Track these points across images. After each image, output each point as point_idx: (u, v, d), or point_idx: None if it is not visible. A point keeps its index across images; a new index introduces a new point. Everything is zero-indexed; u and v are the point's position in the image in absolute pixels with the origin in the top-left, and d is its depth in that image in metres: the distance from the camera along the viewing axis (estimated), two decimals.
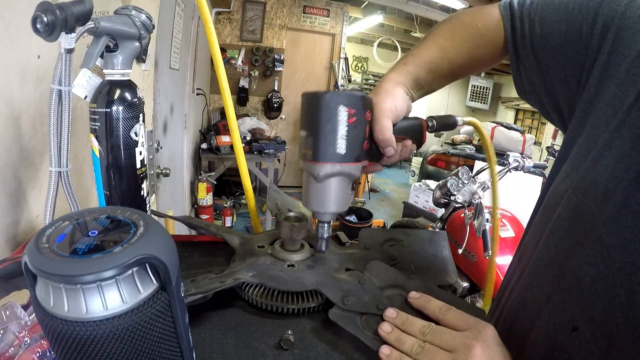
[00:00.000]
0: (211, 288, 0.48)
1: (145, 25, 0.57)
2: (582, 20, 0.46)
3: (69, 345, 0.26)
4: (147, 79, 1.59)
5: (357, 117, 0.47)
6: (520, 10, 0.53)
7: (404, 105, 0.56)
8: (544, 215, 0.50)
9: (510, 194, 2.40)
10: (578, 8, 0.46)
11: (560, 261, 0.43)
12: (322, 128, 0.46)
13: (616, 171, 0.38)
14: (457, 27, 0.59)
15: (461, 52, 0.57)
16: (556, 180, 0.49)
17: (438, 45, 0.58)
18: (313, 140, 0.47)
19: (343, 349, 0.46)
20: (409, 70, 0.57)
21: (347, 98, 0.47)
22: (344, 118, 0.46)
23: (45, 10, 0.45)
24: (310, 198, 0.50)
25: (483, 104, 7.74)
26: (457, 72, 0.60)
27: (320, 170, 0.47)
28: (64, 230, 0.28)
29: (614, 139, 0.40)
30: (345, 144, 0.47)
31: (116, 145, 0.55)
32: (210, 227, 0.67)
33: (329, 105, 0.46)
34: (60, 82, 0.53)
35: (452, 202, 1.90)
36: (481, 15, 0.57)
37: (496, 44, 0.56)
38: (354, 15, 5.11)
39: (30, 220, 0.69)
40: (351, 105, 0.46)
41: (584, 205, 0.41)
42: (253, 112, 4.77)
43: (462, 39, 0.58)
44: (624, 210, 0.37)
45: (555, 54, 0.49)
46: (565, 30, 0.47)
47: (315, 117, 0.46)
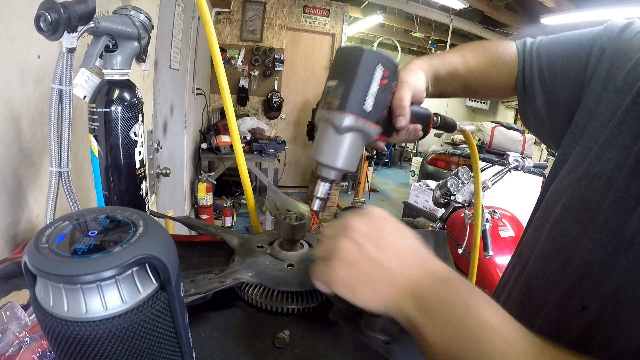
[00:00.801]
0: (211, 288, 0.48)
1: (144, 25, 0.57)
2: (581, 47, 0.54)
3: (68, 345, 0.26)
4: (147, 79, 1.59)
5: (388, 81, 0.48)
6: (531, 47, 0.60)
7: (422, 89, 0.58)
8: (545, 210, 0.53)
9: (510, 194, 2.40)
10: (578, 39, 0.55)
11: (567, 249, 0.46)
12: (357, 79, 0.46)
13: (618, 162, 0.43)
14: (480, 46, 0.66)
15: (480, 65, 0.63)
16: (558, 178, 0.53)
17: (461, 54, 0.64)
18: (344, 90, 0.46)
19: (343, 349, 0.46)
20: (433, 64, 0.61)
21: (386, 60, 0.48)
22: (379, 77, 0.47)
23: (49, 9, 0.45)
24: (323, 149, 0.48)
25: (483, 103, 7.74)
26: (472, 83, 0.64)
27: (345, 121, 0.46)
28: (64, 230, 0.28)
29: (615, 136, 0.45)
30: (372, 102, 0.47)
31: (115, 145, 0.55)
32: (209, 228, 0.67)
33: (369, 60, 0.46)
34: (61, 81, 0.53)
35: (452, 202, 1.90)
36: (502, 44, 0.64)
37: (511, 73, 0.61)
38: (354, 15, 5.11)
39: (30, 220, 0.69)
40: (387, 68, 0.48)
41: (588, 196, 0.45)
42: (253, 112, 4.77)
43: (482, 55, 0.64)
44: (627, 194, 0.41)
45: (559, 79, 0.55)
46: (567, 57, 0.55)
47: (353, 68, 0.46)
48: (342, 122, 0.46)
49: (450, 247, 0.67)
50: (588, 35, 0.54)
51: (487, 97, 0.73)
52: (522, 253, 0.57)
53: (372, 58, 0.47)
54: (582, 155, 0.49)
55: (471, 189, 1.84)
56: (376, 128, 0.49)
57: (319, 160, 0.49)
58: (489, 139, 4.64)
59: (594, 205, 0.43)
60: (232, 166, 3.33)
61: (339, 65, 0.49)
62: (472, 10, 4.44)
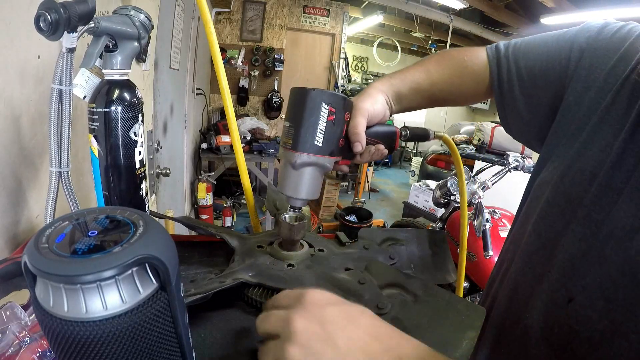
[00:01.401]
0: (210, 288, 0.48)
1: (144, 25, 0.57)
2: (560, 49, 0.54)
3: (68, 345, 0.26)
4: (147, 78, 1.59)
5: (336, 116, 0.53)
6: (505, 51, 0.60)
7: (381, 110, 0.60)
8: (530, 206, 0.55)
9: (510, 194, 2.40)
10: (556, 41, 0.55)
11: (551, 243, 0.47)
12: (304, 121, 0.51)
13: (600, 158, 0.44)
14: (445, 57, 0.65)
15: (444, 77, 0.63)
16: (542, 174, 0.54)
17: (424, 68, 0.65)
18: (295, 131, 0.52)
19: None
20: (393, 84, 0.63)
21: (330, 97, 0.52)
22: (325, 114, 0.51)
23: (49, 9, 0.45)
24: (285, 184, 0.55)
25: (483, 104, 7.74)
26: (437, 95, 0.65)
27: (298, 159, 0.52)
28: (64, 230, 0.28)
29: (596, 133, 0.46)
30: (322, 138, 0.52)
31: (115, 145, 0.55)
32: (209, 228, 0.67)
33: (314, 100, 0.51)
34: (61, 81, 0.53)
35: (452, 202, 1.90)
36: (469, 52, 0.64)
37: (479, 79, 0.62)
38: (354, 15, 5.11)
39: (30, 220, 0.69)
40: (332, 104, 0.52)
41: (571, 190, 0.46)
42: (253, 112, 4.77)
43: (447, 66, 0.64)
44: (608, 188, 0.42)
45: (539, 81, 0.55)
46: (546, 59, 0.55)
47: (300, 110, 0.52)
48: (295, 160, 0.52)
49: (450, 247, 0.67)
50: (565, 37, 0.55)
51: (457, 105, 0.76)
52: (509, 249, 0.59)
53: (316, 98, 0.51)
54: (564, 152, 0.50)
55: (471, 188, 1.84)
56: (330, 159, 0.54)
57: (284, 194, 0.55)
58: (489, 139, 4.64)
59: (577, 200, 0.45)
60: (232, 166, 3.33)
61: (290, 107, 0.54)
62: (472, 10, 4.44)
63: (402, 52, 6.30)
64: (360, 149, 0.56)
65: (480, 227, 1.73)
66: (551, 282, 0.46)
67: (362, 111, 0.56)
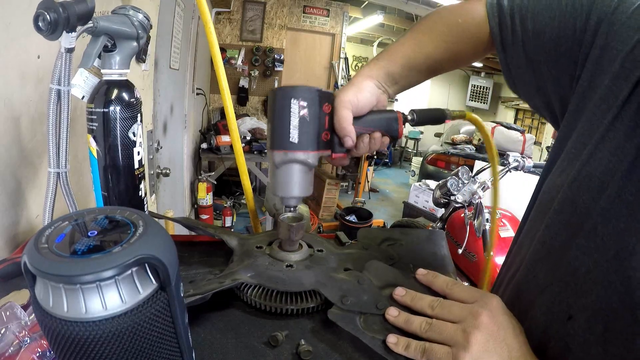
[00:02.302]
0: (210, 289, 0.48)
1: (142, 25, 0.57)
2: (575, 16, 0.46)
3: (68, 346, 0.26)
4: (147, 78, 1.59)
5: (309, 109, 0.51)
6: (510, 7, 0.52)
7: (370, 98, 0.56)
8: (539, 211, 0.51)
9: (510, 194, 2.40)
10: (571, 4, 0.46)
11: (556, 253, 0.44)
12: (276, 119, 0.52)
13: (610, 164, 0.40)
14: (436, 22, 0.59)
15: (439, 47, 0.57)
16: (551, 176, 0.49)
17: (415, 40, 0.58)
18: (270, 130, 0.53)
19: (343, 349, 0.46)
20: (382, 65, 0.57)
21: (298, 92, 0.51)
22: (296, 110, 0.51)
23: (48, 8, 0.45)
24: (275, 184, 0.55)
25: (483, 103, 7.74)
26: (435, 66, 0.59)
27: (276, 157, 0.52)
28: (64, 230, 0.28)
29: (608, 132, 0.41)
30: (297, 134, 0.51)
31: (114, 145, 0.55)
32: (207, 228, 0.67)
33: (281, 98, 0.51)
34: (60, 81, 0.53)
35: (452, 202, 1.90)
36: (463, 10, 0.56)
37: (478, 39, 0.55)
38: (354, 15, 5.11)
39: (30, 221, 0.69)
40: (302, 98, 0.51)
41: (579, 199, 0.42)
42: (253, 112, 4.77)
43: (440, 33, 0.57)
44: (618, 200, 0.38)
45: (548, 50, 0.49)
46: (558, 26, 0.47)
47: (272, 109, 0.52)
48: (274, 159, 0.53)
49: (450, 247, 0.66)
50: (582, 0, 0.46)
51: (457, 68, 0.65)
52: (516, 254, 0.56)
53: (283, 96, 0.51)
54: (574, 152, 0.45)
55: (471, 188, 1.84)
56: (311, 154, 0.53)
57: (275, 194, 0.55)
58: None
59: (584, 210, 0.41)
60: (232, 166, 3.33)
61: (268, 110, 0.55)
62: None
63: None
64: (350, 143, 0.54)
65: (480, 227, 1.73)
66: (552, 295, 0.44)
67: (344, 103, 0.53)
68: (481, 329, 0.40)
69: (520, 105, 7.09)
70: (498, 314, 0.42)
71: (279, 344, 0.45)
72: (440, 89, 8.00)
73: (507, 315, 0.43)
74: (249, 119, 4.20)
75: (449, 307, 0.45)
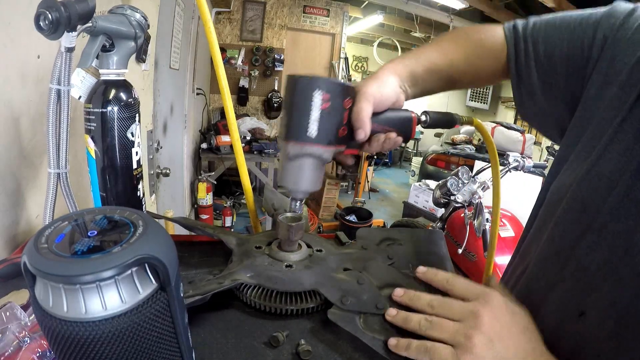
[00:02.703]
0: (209, 289, 0.48)
1: (140, 25, 0.57)
2: (582, 35, 0.49)
3: (68, 346, 0.26)
4: (147, 78, 1.59)
5: (332, 103, 0.49)
6: (524, 32, 0.55)
7: (392, 95, 0.55)
8: (547, 211, 0.52)
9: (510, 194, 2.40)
10: (579, 25, 0.50)
11: (565, 251, 0.45)
12: (295, 110, 0.48)
13: (620, 164, 0.41)
14: (460, 36, 0.61)
15: (461, 57, 0.59)
16: (559, 177, 0.51)
17: (440, 47, 0.60)
18: (287, 121, 0.49)
19: (343, 349, 0.46)
20: (406, 64, 0.58)
21: (323, 83, 0.48)
22: (318, 102, 0.48)
23: (50, 8, 0.45)
24: (284, 175, 0.52)
25: (483, 103, 7.74)
26: (455, 77, 0.60)
27: (290, 149, 0.49)
28: (63, 230, 0.28)
29: (617, 134, 0.43)
30: (316, 127, 0.48)
31: (112, 145, 0.55)
32: (206, 228, 0.67)
33: (304, 88, 0.48)
34: (59, 81, 0.53)
35: (452, 202, 1.90)
36: (486, 30, 0.59)
37: (497, 59, 0.57)
38: (354, 15, 5.10)
39: (30, 221, 0.69)
40: (327, 91, 0.48)
41: (588, 198, 0.43)
42: (253, 112, 4.76)
43: (464, 46, 0.59)
44: (627, 199, 0.39)
45: (559, 69, 0.51)
46: (567, 46, 0.50)
47: (291, 98, 0.49)
48: (289, 151, 0.50)
49: (450, 247, 0.66)
50: (590, 21, 0.49)
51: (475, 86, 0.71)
52: (524, 254, 0.56)
53: (307, 85, 0.48)
54: (584, 154, 0.47)
55: (471, 188, 1.84)
56: (327, 149, 0.50)
57: (282, 185, 0.53)
58: None
59: (594, 207, 0.42)
60: (232, 166, 3.33)
61: (285, 97, 0.52)
62: (472, 10, 4.44)
63: (402, 52, 6.30)
64: (362, 136, 0.52)
65: (480, 227, 1.73)
66: (563, 292, 0.44)
67: (367, 96, 0.52)
68: (483, 329, 0.39)
69: None
70: (499, 311, 0.41)
71: (280, 345, 0.45)
72: None
73: (510, 311, 0.42)
74: (249, 119, 4.20)
75: (449, 305, 0.43)
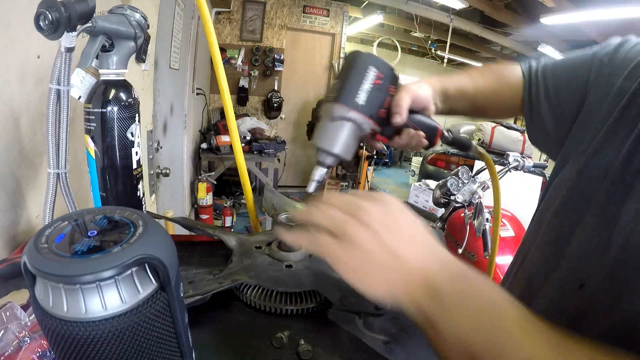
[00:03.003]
0: (209, 289, 0.48)
1: (140, 25, 0.57)
2: (583, 62, 0.59)
3: (68, 345, 0.26)
4: (146, 78, 1.59)
5: (382, 82, 0.54)
6: (536, 68, 0.65)
7: (425, 100, 0.62)
8: (547, 203, 0.57)
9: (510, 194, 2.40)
10: (579, 58, 0.60)
11: (565, 236, 0.49)
12: (351, 77, 0.53)
13: (614, 155, 0.47)
14: (486, 69, 0.71)
15: (486, 85, 0.67)
16: (560, 174, 0.57)
17: (468, 74, 0.69)
18: (339, 85, 0.53)
19: (343, 349, 0.46)
20: (440, 80, 0.66)
21: (381, 63, 0.54)
22: (371, 76, 0.53)
23: (50, 8, 0.45)
24: (320, 135, 0.54)
25: None
26: (479, 102, 0.68)
27: (337, 111, 0.52)
28: (63, 230, 0.28)
29: (611, 133, 0.49)
30: (365, 98, 0.53)
31: (112, 146, 0.55)
32: (206, 229, 0.67)
33: (361, 61, 0.54)
34: (59, 81, 0.53)
35: (452, 202, 1.90)
36: (507, 67, 0.69)
37: (516, 92, 0.66)
38: (354, 15, 5.10)
39: (30, 221, 0.69)
40: (381, 70, 0.54)
41: (586, 187, 0.49)
42: (253, 112, 4.76)
43: (488, 76, 0.69)
44: (620, 183, 0.44)
45: (563, 92, 0.60)
46: (571, 71, 0.60)
47: (349, 67, 0.54)
48: (334, 112, 0.52)
49: (450, 246, 0.67)
50: (588, 53, 0.59)
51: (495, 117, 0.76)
52: (524, 244, 0.61)
53: (365, 60, 0.53)
54: (582, 152, 0.52)
55: (471, 188, 1.84)
56: (369, 121, 0.54)
57: (316, 145, 0.54)
58: (488, 138, 4.64)
59: (591, 195, 0.47)
60: (232, 166, 3.33)
61: (342, 67, 0.56)
62: (472, 10, 4.44)
63: (402, 52, 6.29)
64: (399, 120, 0.56)
65: (480, 227, 1.73)
66: (563, 270, 0.48)
67: (407, 88, 0.58)
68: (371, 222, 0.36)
69: None
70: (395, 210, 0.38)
71: (282, 345, 0.45)
72: None
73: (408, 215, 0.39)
74: (249, 119, 4.20)
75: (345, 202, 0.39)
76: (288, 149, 4.08)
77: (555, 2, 3.48)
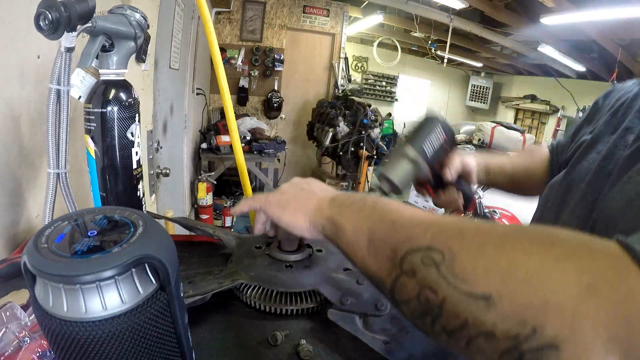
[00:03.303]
0: (209, 290, 0.48)
1: (140, 25, 0.57)
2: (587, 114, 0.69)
3: (68, 346, 0.26)
4: (147, 78, 1.59)
5: (445, 141, 0.68)
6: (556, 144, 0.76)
7: (472, 167, 0.74)
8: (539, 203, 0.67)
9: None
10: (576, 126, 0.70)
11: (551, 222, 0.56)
12: (426, 130, 0.66)
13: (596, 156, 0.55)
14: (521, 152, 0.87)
15: (521, 164, 0.81)
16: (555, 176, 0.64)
17: (506, 156, 0.86)
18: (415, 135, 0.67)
19: (343, 349, 0.46)
20: (484, 157, 0.80)
21: (447, 127, 0.67)
22: (439, 134, 0.67)
23: (50, 7, 0.45)
24: (388, 166, 0.66)
25: (483, 103, 7.73)
26: (516, 179, 0.80)
27: (408, 152, 0.65)
28: (63, 230, 0.28)
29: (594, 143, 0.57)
30: (430, 149, 0.66)
31: (112, 146, 0.55)
32: (206, 228, 0.67)
33: (434, 121, 0.67)
34: (59, 81, 0.53)
35: None
36: (538, 148, 0.83)
37: (544, 169, 0.77)
38: (354, 15, 5.10)
39: (30, 221, 0.69)
40: (446, 132, 0.67)
41: (571, 181, 0.57)
42: (253, 112, 4.76)
43: (523, 157, 0.85)
44: (601, 174, 0.51)
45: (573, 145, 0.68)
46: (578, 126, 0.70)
47: (426, 123, 0.67)
48: (407, 151, 0.65)
49: None
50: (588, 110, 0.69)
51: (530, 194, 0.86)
52: None
53: (436, 121, 0.67)
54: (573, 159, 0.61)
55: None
56: (426, 167, 0.66)
57: (383, 173, 0.66)
58: (489, 138, 4.65)
59: (575, 187, 0.55)
60: (232, 166, 3.33)
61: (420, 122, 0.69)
62: (472, 10, 4.44)
63: (402, 52, 6.29)
64: (448, 175, 0.70)
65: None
66: None
67: (460, 154, 0.73)
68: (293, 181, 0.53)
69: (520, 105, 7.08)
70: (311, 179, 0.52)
71: (278, 344, 0.45)
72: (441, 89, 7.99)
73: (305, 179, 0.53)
74: (249, 119, 4.20)
75: None
76: (288, 149, 4.08)
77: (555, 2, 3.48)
